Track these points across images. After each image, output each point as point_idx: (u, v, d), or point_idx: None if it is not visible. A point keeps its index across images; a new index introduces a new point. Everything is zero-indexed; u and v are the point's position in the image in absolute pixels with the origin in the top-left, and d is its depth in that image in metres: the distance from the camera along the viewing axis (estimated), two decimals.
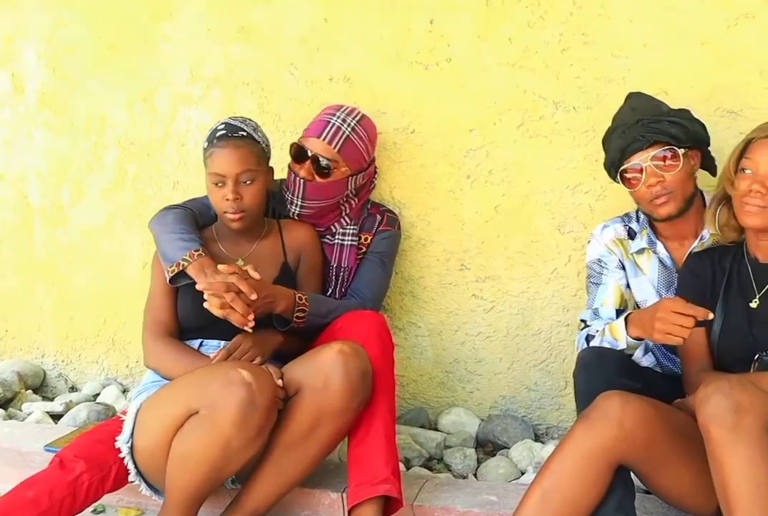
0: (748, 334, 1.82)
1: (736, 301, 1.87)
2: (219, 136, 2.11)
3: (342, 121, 2.26)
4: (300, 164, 2.27)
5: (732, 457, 1.49)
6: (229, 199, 2.07)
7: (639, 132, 1.97)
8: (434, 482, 2.15)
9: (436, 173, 2.54)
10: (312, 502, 2.11)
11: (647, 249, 2.12)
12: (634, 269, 2.14)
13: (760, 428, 1.49)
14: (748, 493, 1.47)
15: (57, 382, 3.09)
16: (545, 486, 1.67)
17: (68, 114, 2.94)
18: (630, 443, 1.64)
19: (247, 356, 2.01)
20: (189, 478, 1.84)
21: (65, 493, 1.91)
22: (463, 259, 2.55)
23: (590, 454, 1.64)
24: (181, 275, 2.06)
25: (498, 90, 2.45)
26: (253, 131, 2.15)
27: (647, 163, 1.97)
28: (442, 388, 2.65)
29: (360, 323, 2.08)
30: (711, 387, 1.55)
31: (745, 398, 1.51)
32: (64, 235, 3.01)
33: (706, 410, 1.53)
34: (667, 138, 1.96)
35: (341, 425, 1.93)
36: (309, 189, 2.25)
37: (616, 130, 2.04)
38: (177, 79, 2.79)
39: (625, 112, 2.07)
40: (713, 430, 1.51)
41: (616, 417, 1.63)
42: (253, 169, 2.09)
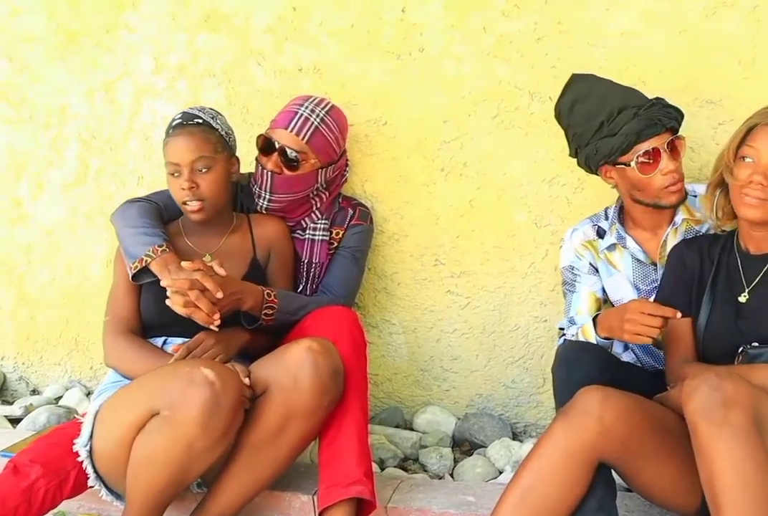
0: (734, 328, 1.77)
1: (723, 293, 1.83)
2: (174, 125, 2.07)
3: (310, 112, 2.19)
4: (267, 157, 2.20)
5: (720, 452, 1.44)
6: (184, 188, 2.01)
7: (656, 115, 1.90)
8: (409, 483, 2.09)
9: (409, 166, 2.48)
10: (282, 505, 2.04)
11: (617, 245, 2.07)
12: (608, 268, 2.09)
13: (748, 422, 1.44)
14: (736, 489, 1.43)
15: (18, 385, 2.99)
16: (524, 485, 1.61)
17: (26, 106, 2.84)
18: (610, 439, 1.59)
19: (209, 354, 1.94)
20: (151, 481, 1.75)
21: (19, 501, 1.83)
22: (437, 254, 2.50)
23: (570, 451, 1.59)
24: (144, 272, 1.99)
25: (472, 80, 2.40)
26: (210, 119, 2.09)
27: (664, 148, 1.90)
28: (418, 387, 2.59)
29: (330, 320, 2.02)
30: (698, 379, 1.50)
31: (733, 391, 1.46)
32: (24, 232, 2.91)
33: (694, 403, 1.48)
34: (676, 124, 1.92)
35: (311, 425, 1.86)
36: (277, 182, 2.18)
37: (624, 113, 1.91)
38: (140, 70, 2.71)
39: (615, 95, 1.95)
40: (701, 424, 1.46)
41: (595, 412, 1.59)
42: (209, 156, 2.03)
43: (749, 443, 1.43)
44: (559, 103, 2.04)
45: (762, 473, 1.43)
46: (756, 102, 2.08)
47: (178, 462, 1.73)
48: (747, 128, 1.75)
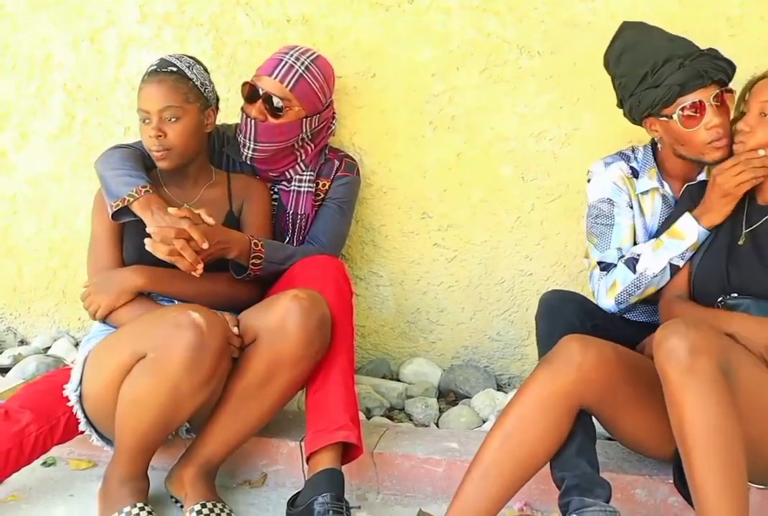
0: (724, 272, 1.81)
1: (722, 236, 1.86)
2: (149, 71, 2.05)
3: (295, 60, 2.19)
4: (252, 104, 2.19)
5: (687, 398, 1.48)
6: (151, 136, 2.00)
7: (703, 66, 1.84)
8: (395, 430, 2.13)
9: (397, 119, 2.47)
10: (270, 451, 2.08)
11: (656, 188, 2.03)
12: (639, 210, 2.06)
13: (713, 368, 1.48)
14: (704, 433, 1.47)
15: (5, 336, 2.99)
16: (505, 430, 1.66)
17: (9, 55, 2.78)
18: (589, 386, 1.64)
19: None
20: (139, 424, 1.78)
21: (11, 445, 1.86)
22: (425, 207, 2.50)
23: (550, 397, 1.63)
24: (125, 213, 1.99)
25: (461, 33, 2.38)
26: (186, 68, 2.06)
27: (710, 101, 1.85)
28: (404, 339, 2.62)
29: (316, 269, 2.03)
30: (668, 329, 1.54)
31: (700, 339, 1.50)
32: (8, 183, 2.87)
33: (662, 351, 1.52)
34: (725, 78, 1.87)
35: (299, 373, 1.89)
36: (261, 130, 2.18)
37: (669, 63, 1.85)
38: (126, 19, 2.65)
39: (661, 44, 1.89)
40: (669, 371, 1.51)
41: (575, 360, 1.63)
42: (177, 105, 2.01)
43: (715, 389, 1.47)
44: (608, 52, 1.98)
45: (728, 418, 1.47)
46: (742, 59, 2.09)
47: (164, 403, 1.75)
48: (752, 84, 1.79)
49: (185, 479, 1.89)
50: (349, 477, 1.92)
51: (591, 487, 1.64)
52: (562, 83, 2.33)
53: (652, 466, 1.90)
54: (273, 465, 2.08)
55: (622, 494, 1.87)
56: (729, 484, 1.46)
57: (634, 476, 1.88)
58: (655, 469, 1.89)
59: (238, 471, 2.09)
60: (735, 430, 1.48)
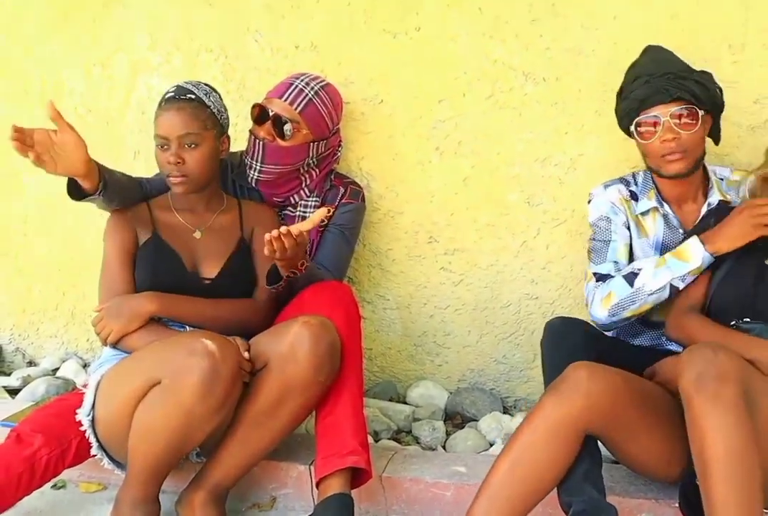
0: (750, 289, 1.83)
1: (750, 255, 1.87)
2: (167, 98, 2.08)
3: (306, 85, 2.24)
4: (261, 126, 2.23)
5: (711, 423, 1.50)
6: (170, 162, 2.03)
7: (664, 85, 1.93)
8: (403, 454, 2.15)
9: (404, 144, 2.51)
10: (279, 474, 2.09)
11: (655, 208, 2.09)
12: (638, 231, 2.11)
13: (738, 396, 1.50)
14: (725, 460, 1.49)
15: (14, 357, 3.02)
16: (514, 456, 1.67)
17: (22, 80, 2.84)
18: (597, 412, 1.66)
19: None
20: (152, 448, 1.80)
21: (23, 468, 1.87)
22: (431, 231, 2.53)
23: (558, 424, 1.65)
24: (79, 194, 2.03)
25: (467, 60, 2.42)
26: (204, 95, 2.10)
27: (666, 117, 1.93)
28: (411, 361, 2.64)
29: (325, 294, 2.05)
30: (694, 353, 1.56)
31: (727, 365, 1.52)
32: (19, 205, 2.92)
33: (688, 376, 1.54)
34: (689, 96, 1.93)
35: (309, 399, 1.91)
36: (269, 151, 2.22)
37: (639, 80, 1.97)
38: (136, 45, 2.71)
39: (647, 64, 2.01)
40: (694, 396, 1.52)
41: (583, 388, 1.65)
42: (196, 132, 2.04)
43: (739, 416, 1.49)
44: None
45: (749, 446, 1.49)
46: (744, 85, 2.14)
47: (177, 429, 1.77)
48: None
49: (195, 503, 1.91)
50: (358, 501, 1.93)
51: (597, 512, 1.66)
52: (567, 109, 2.37)
53: (658, 489, 1.91)
54: (282, 488, 2.10)
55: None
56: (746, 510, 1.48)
57: (640, 500, 1.89)
58: (661, 492, 1.90)
59: (247, 494, 2.10)
60: (755, 457, 1.50)
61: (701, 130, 1.97)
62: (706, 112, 1.97)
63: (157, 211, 2.16)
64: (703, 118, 1.96)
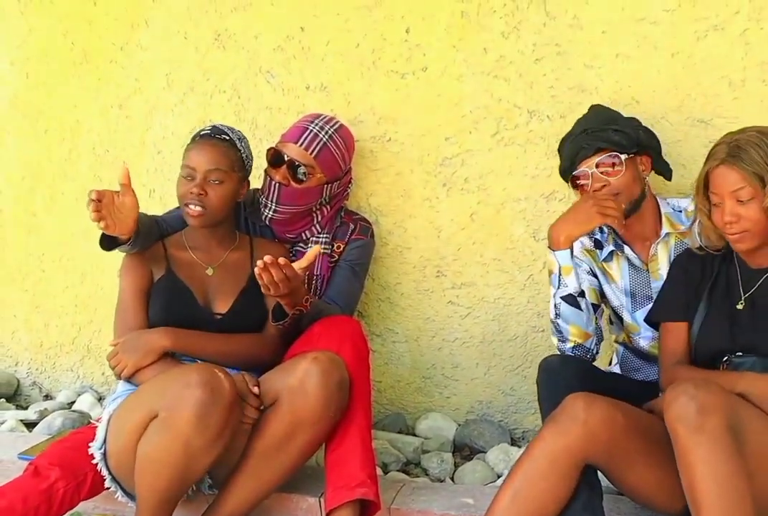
0: (728, 334, 1.86)
1: (721, 301, 1.91)
2: (203, 134, 2.17)
3: (320, 129, 2.28)
4: (276, 169, 2.28)
5: (697, 456, 1.53)
6: (193, 192, 2.09)
7: (584, 141, 2.05)
8: (411, 486, 2.16)
9: (412, 181, 2.56)
10: (290, 506, 2.11)
11: (615, 252, 2.15)
12: (605, 278, 2.17)
13: (723, 428, 1.53)
14: (714, 492, 1.51)
15: (31, 390, 3.06)
16: (514, 487, 1.70)
17: (42, 120, 2.93)
18: (594, 443, 1.68)
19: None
20: (156, 480, 1.83)
21: (40, 500, 1.91)
22: (439, 265, 2.57)
23: (557, 454, 1.68)
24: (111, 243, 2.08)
25: (473, 99, 2.48)
26: (237, 140, 2.18)
27: (592, 169, 2.04)
28: (420, 394, 2.66)
29: (334, 329, 2.09)
30: (678, 389, 1.60)
31: (710, 399, 1.55)
32: (37, 242, 2.99)
33: (673, 411, 1.57)
34: (609, 145, 2.03)
35: (318, 433, 1.94)
36: (284, 194, 2.26)
37: (567, 139, 2.11)
38: (152, 86, 2.79)
39: (578, 123, 2.14)
40: (680, 431, 1.56)
41: (581, 417, 1.67)
42: (225, 170, 2.11)
43: (724, 448, 1.52)
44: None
45: (737, 476, 1.52)
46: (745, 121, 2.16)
47: (177, 461, 1.80)
48: (704, 177, 1.85)
49: None
50: None
51: None
52: None
53: None
54: None
55: None
56: None
57: None
58: None
59: None
60: (744, 488, 1.52)
61: (631, 172, 2.05)
62: (636, 154, 2.06)
63: (172, 249, 2.22)
64: (630, 161, 2.04)
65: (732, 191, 1.78)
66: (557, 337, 2.08)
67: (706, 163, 1.85)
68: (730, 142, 1.80)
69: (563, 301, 2.04)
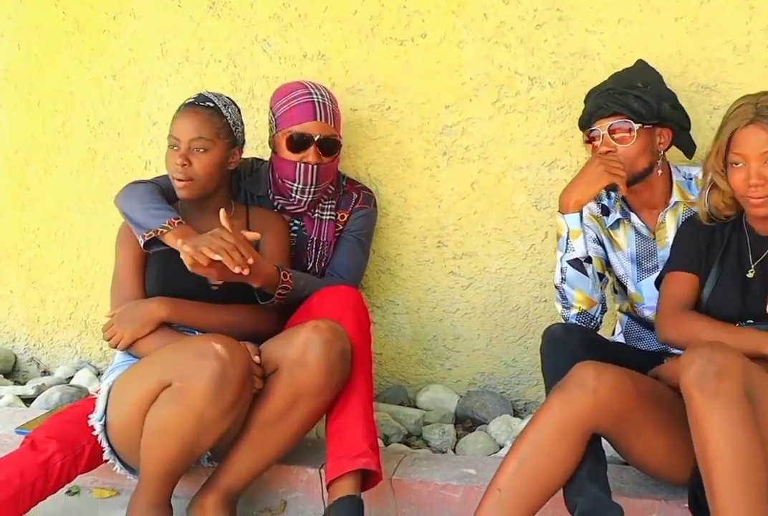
0: (739, 301, 1.83)
1: (731, 269, 1.88)
2: (187, 102, 2.14)
3: (321, 96, 2.24)
4: (302, 152, 2.21)
5: (712, 421, 1.50)
6: (177, 163, 2.05)
7: (605, 100, 2.01)
8: (413, 457, 2.15)
9: (412, 150, 2.53)
10: (290, 478, 2.10)
11: (622, 220, 2.12)
12: (611, 246, 2.14)
13: (739, 392, 1.50)
14: (728, 457, 1.49)
15: (28, 366, 3.04)
16: (520, 456, 1.68)
17: (34, 92, 2.88)
18: (604, 412, 1.65)
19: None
20: (164, 452, 1.81)
21: (37, 474, 1.88)
22: (440, 236, 2.54)
23: (565, 423, 1.65)
24: (154, 243, 2.04)
25: (473, 66, 2.44)
26: (223, 106, 2.14)
27: (604, 131, 2.00)
28: (421, 366, 2.64)
29: (335, 299, 2.06)
30: (694, 352, 1.56)
31: (726, 362, 1.52)
32: (32, 216, 2.95)
33: (689, 374, 1.54)
34: (625, 111, 1.98)
35: (319, 404, 1.92)
36: (322, 172, 2.23)
37: (593, 93, 2.07)
38: (147, 56, 2.74)
39: (612, 77, 2.09)
40: (695, 394, 1.52)
41: (590, 386, 1.64)
42: (208, 138, 2.07)
43: (740, 412, 1.49)
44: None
45: (752, 441, 1.49)
46: (750, 87, 2.13)
47: (188, 433, 1.78)
48: (728, 136, 1.79)
49: (207, 507, 1.92)
50: (368, 503, 1.93)
51: (603, 511, 1.65)
52: (574, 113, 2.36)
53: (668, 490, 1.90)
54: (293, 492, 2.10)
55: None
56: (751, 508, 1.47)
57: (650, 500, 1.88)
58: (671, 493, 1.89)
59: (258, 499, 2.11)
60: (758, 454, 1.50)
61: (641, 145, 2.00)
62: (655, 126, 2.01)
63: None
64: (641, 131, 1.99)
65: (762, 152, 1.74)
66: (561, 304, 2.05)
67: (729, 124, 1.79)
68: (757, 102, 1.76)
69: (570, 265, 2.01)
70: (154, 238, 2.03)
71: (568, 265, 2.01)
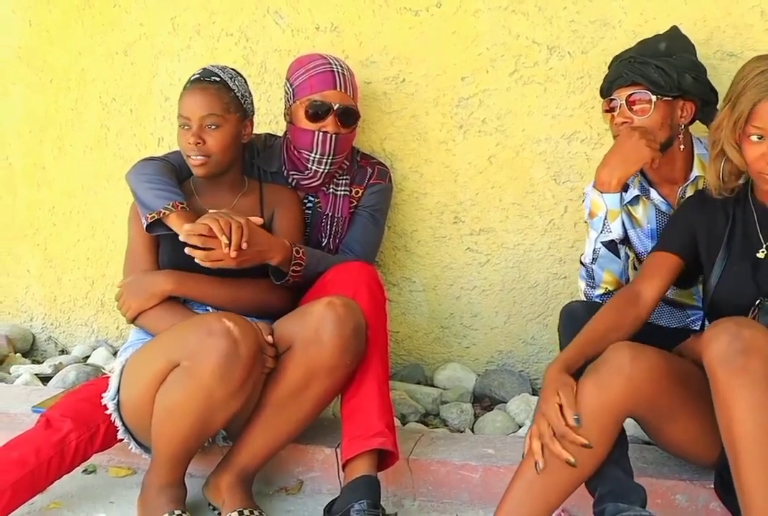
0: (752, 282, 1.75)
1: (740, 249, 1.79)
2: (192, 79, 2.09)
3: (340, 67, 2.22)
4: (320, 121, 2.18)
5: (739, 399, 1.45)
6: (191, 142, 2.02)
7: (626, 68, 1.95)
8: (430, 436, 2.13)
9: (427, 123, 2.47)
10: (305, 458, 2.09)
11: (641, 196, 2.06)
12: (630, 222, 2.09)
13: (766, 369, 1.44)
14: (755, 435, 1.44)
15: (46, 345, 3.05)
16: None
17: (46, 69, 2.85)
18: (639, 397, 1.59)
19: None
20: (174, 431, 1.80)
21: (53, 452, 1.89)
22: (457, 211, 2.50)
23: (599, 408, 1.58)
24: (158, 225, 2.02)
25: (490, 36, 2.38)
26: (229, 78, 2.09)
27: (623, 101, 1.95)
28: (438, 344, 2.61)
29: (349, 275, 2.03)
30: (718, 327, 1.50)
31: (752, 338, 1.46)
32: (47, 195, 2.94)
33: (713, 351, 1.48)
34: (644, 81, 1.92)
35: (334, 382, 1.89)
36: (340, 142, 2.20)
37: (616, 60, 2.01)
38: (158, 31, 2.70)
39: (638, 43, 2.02)
40: (720, 372, 1.47)
41: (625, 371, 1.57)
42: (219, 114, 2.04)
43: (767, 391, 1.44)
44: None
45: None
46: None
47: (198, 412, 1.77)
48: (749, 107, 1.66)
49: (222, 486, 1.91)
50: (385, 483, 1.91)
51: (625, 492, 1.61)
52: (594, 83, 2.30)
53: (693, 470, 1.86)
54: (309, 472, 2.09)
55: (662, 500, 1.84)
56: None
57: (674, 481, 1.85)
58: (696, 473, 1.85)
59: (274, 478, 2.10)
60: None
61: (659, 117, 1.93)
62: (677, 98, 1.93)
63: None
64: (660, 104, 1.92)
65: None
66: (586, 282, 2.00)
67: (748, 94, 1.66)
68: None
69: (603, 246, 1.94)
70: (158, 220, 2.00)
71: (602, 246, 1.94)
